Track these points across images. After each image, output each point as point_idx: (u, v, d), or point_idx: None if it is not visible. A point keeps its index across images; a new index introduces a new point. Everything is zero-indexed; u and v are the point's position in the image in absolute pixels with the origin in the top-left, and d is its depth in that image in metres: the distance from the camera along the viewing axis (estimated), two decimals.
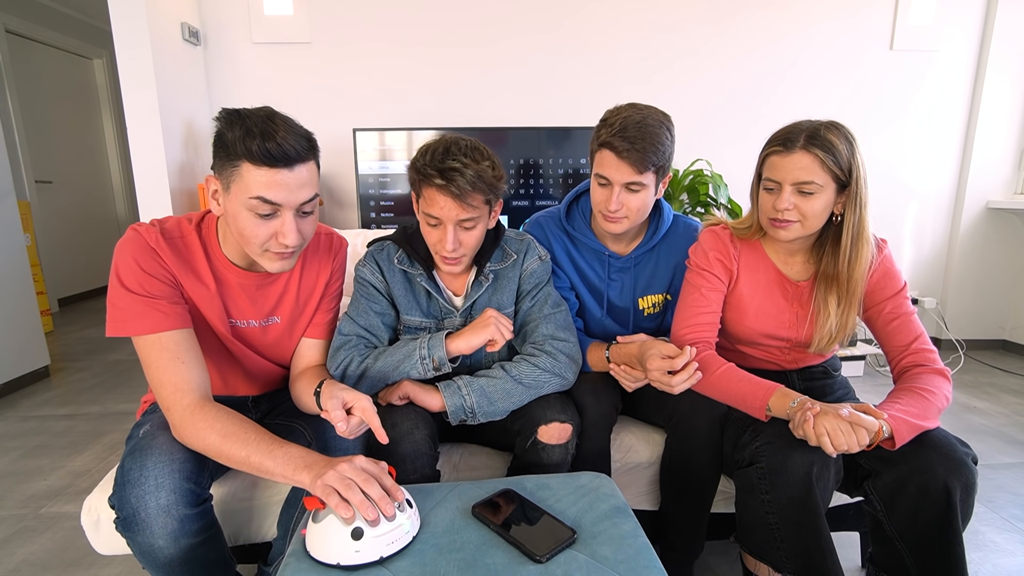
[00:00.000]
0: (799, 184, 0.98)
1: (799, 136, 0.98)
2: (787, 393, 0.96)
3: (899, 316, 1.04)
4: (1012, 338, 2.98)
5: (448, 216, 0.98)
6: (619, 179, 1.06)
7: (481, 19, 2.57)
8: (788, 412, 0.93)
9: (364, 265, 1.12)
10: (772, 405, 0.96)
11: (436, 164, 0.95)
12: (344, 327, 1.09)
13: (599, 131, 1.08)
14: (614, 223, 1.12)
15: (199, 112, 2.45)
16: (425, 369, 1.02)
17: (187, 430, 0.84)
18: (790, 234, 1.02)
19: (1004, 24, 2.69)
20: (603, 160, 1.07)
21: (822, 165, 0.96)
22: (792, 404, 0.93)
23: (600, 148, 1.08)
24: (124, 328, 0.87)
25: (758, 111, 2.69)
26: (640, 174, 1.05)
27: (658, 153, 1.05)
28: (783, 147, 0.99)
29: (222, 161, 0.84)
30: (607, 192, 1.09)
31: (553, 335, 1.10)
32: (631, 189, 1.07)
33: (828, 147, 0.95)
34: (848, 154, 0.96)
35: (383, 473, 0.75)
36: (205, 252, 0.95)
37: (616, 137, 1.03)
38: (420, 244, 1.10)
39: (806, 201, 0.98)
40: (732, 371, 1.03)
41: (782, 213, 1.00)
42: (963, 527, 0.89)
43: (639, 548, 0.73)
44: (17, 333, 2.47)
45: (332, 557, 0.69)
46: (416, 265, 1.10)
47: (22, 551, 1.39)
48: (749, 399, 0.98)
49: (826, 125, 0.98)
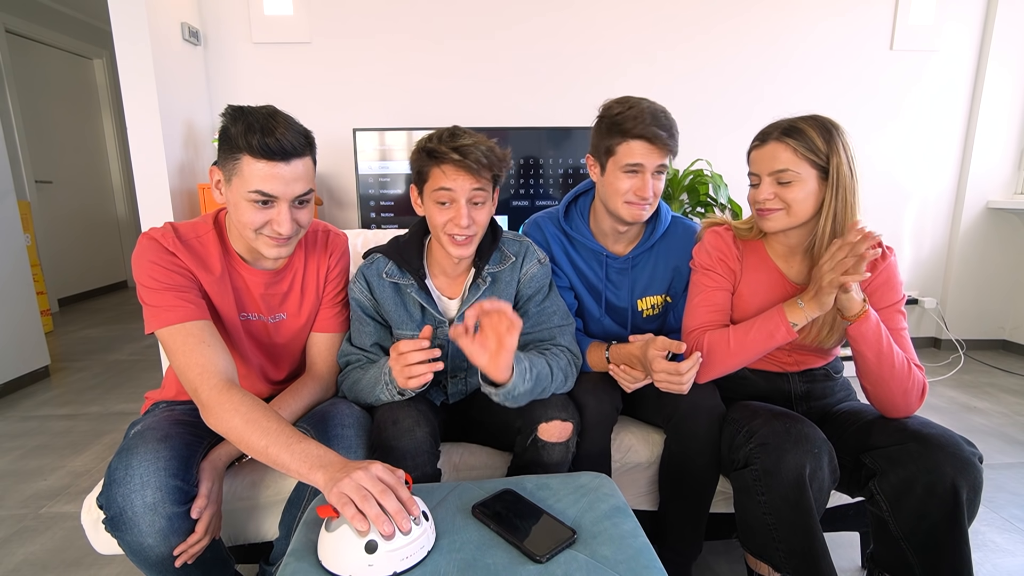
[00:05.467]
0: (775, 173, 1.00)
1: (774, 129, 1.01)
2: (792, 303, 1.00)
3: (889, 330, 1.01)
4: (1012, 338, 2.98)
5: (462, 189, 0.99)
6: (652, 164, 1.09)
7: (481, 19, 2.57)
8: (811, 308, 0.98)
9: (355, 283, 1.12)
10: (795, 321, 0.99)
11: (448, 143, 0.99)
12: (344, 345, 1.14)
13: (621, 124, 1.07)
14: (644, 210, 1.13)
15: (199, 112, 2.45)
16: (391, 394, 1.00)
17: (213, 410, 0.85)
18: (775, 224, 1.02)
19: (1004, 23, 2.69)
20: (634, 150, 1.08)
21: (796, 153, 0.97)
22: (800, 304, 0.98)
23: (630, 139, 1.07)
24: (161, 320, 0.91)
25: (759, 111, 2.68)
26: (667, 157, 1.10)
27: (678, 136, 1.10)
28: (760, 141, 1.03)
29: (225, 153, 0.90)
30: (640, 179, 1.10)
31: (569, 346, 1.13)
32: (659, 172, 1.11)
33: (801, 136, 0.97)
34: (825, 141, 0.97)
35: (400, 484, 0.73)
36: (221, 246, 1.01)
37: (651, 127, 1.06)
38: (412, 254, 1.10)
39: (786, 190, 0.99)
40: (736, 328, 1.05)
41: (764, 203, 1.02)
42: (968, 526, 0.89)
43: (639, 548, 0.73)
44: (17, 333, 2.47)
45: (344, 569, 0.68)
46: (407, 275, 1.10)
47: (22, 551, 1.39)
48: (771, 333, 1.01)
49: (802, 117, 1.00)
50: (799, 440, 0.93)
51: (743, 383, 1.18)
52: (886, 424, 1.01)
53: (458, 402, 1.21)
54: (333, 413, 0.99)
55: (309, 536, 0.76)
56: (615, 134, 1.09)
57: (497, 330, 0.88)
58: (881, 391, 1.00)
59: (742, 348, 1.03)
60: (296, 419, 1.02)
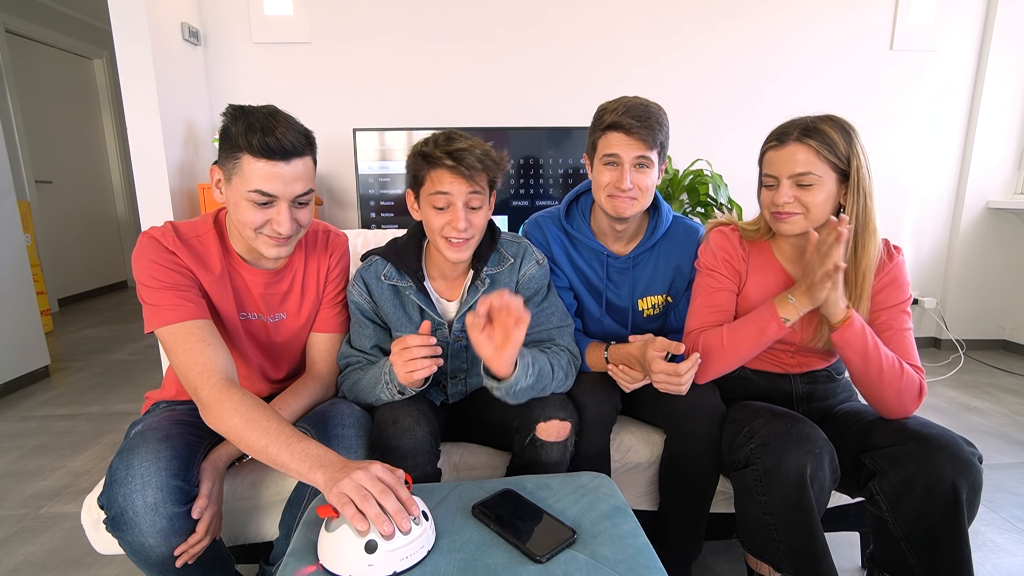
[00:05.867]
0: (796, 176, 0.97)
1: (793, 130, 0.98)
2: (783, 298, 0.99)
3: (892, 329, 1.01)
4: (1012, 338, 2.98)
5: (458, 193, 0.99)
6: (629, 155, 1.08)
7: (481, 20, 2.57)
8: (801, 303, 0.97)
9: (353, 286, 1.12)
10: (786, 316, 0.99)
11: (444, 147, 0.98)
12: (344, 347, 1.14)
13: (601, 117, 1.10)
14: (626, 204, 1.11)
15: (199, 112, 2.45)
16: (391, 393, 1.00)
17: (213, 410, 0.85)
18: (794, 227, 1.01)
19: (1004, 23, 2.69)
20: (610, 141, 1.09)
21: (817, 155, 0.95)
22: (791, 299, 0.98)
23: (606, 131, 1.09)
24: (161, 319, 0.91)
25: (760, 111, 2.69)
26: (649, 149, 1.08)
27: (662, 131, 1.09)
28: (778, 141, 1.00)
29: (225, 153, 0.90)
30: (617, 171, 1.10)
31: (568, 347, 1.13)
32: (640, 165, 1.09)
33: (823, 137, 0.95)
34: (846, 143, 0.95)
35: (400, 484, 0.74)
36: (221, 246, 1.01)
37: (624, 116, 1.06)
38: (410, 256, 1.10)
39: (806, 193, 0.98)
40: (730, 325, 1.05)
41: (782, 207, 0.99)
42: (968, 526, 0.89)
43: (639, 548, 0.73)
44: (17, 333, 2.47)
45: (344, 569, 0.68)
46: (406, 277, 1.10)
47: (22, 551, 1.39)
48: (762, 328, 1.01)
49: (820, 118, 0.98)
50: (800, 440, 0.93)
51: (744, 383, 1.17)
52: (886, 424, 1.01)
53: (458, 402, 1.21)
54: (333, 413, 0.99)
55: (309, 536, 0.76)
56: (596, 128, 1.12)
57: (505, 324, 0.88)
58: (874, 393, 1.00)
59: (735, 345, 1.03)
60: (296, 419, 1.02)
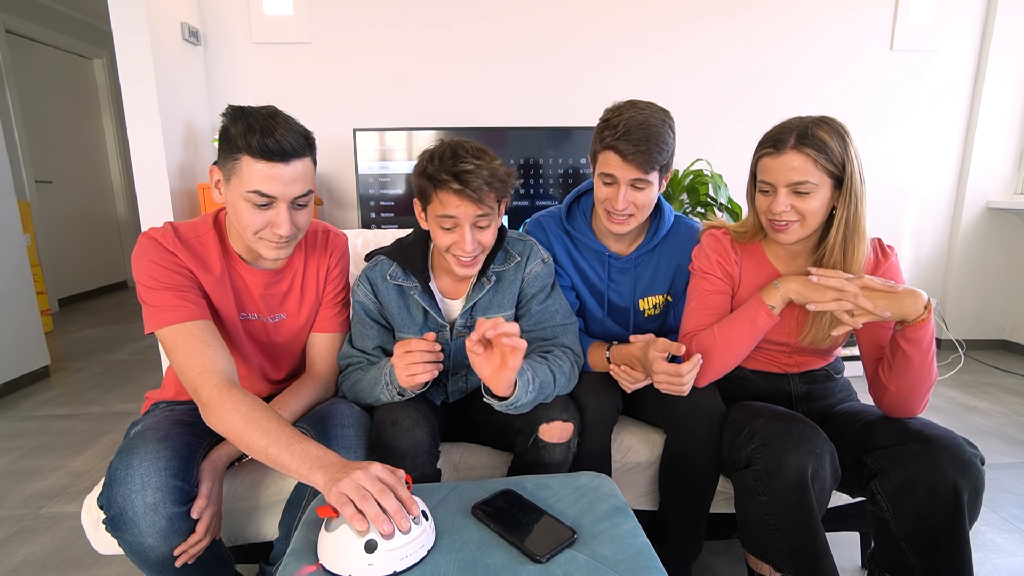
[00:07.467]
0: (793, 185, 0.96)
1: (789, 135, 0.96)
2: (769, 286, 1.02)
3: (892, 329, 1.00)
4: (1012, 338, 2.98)
5: (465, 215, 0.98)
6: (625, 177, 1.07)
7: (481, 20, 2.57)
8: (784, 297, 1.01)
9: (359, 285, 1.12)
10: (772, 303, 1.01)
11: (449, 168, 0.95)
12: (345, 348, 1.13)
13: (601, 132, 1.08)
14: (620, 223, 1.12)
15: (199, 112, 2.45)
16: (391, 394, 1.00)
17: (214, 410, 0.85)
18: (791, 236, 1.01)
19: (1004, 23, 2.69)
20: (608, 160, 1.08)
21: (815, 164, 0.94)
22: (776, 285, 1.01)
23: (605, 150, 1.08)
24: (161, 320, 0.91)
25: (758, 110, 2.69)
26: (646, 174, 1.06)
27: (663, 153, 1.06)
28: (774, 148, 0.97)
29: (225, 153, 0.90)
30: (613, 190, 1.09)
31: (571, 345, 1.12)
32: (637, 187, 1.08)
33: (819, 145, 0.94)
34: (841, 149, 0.94)
35: (399, 484, 0.74)
36: (221, 246, 1.01)
37: (621, 140, 1.03)
38: (416, 256, 1.10)
39: (803, 201, 0.97)
40: (720, 323, 1.06)
41: (780, 216, 0.98)
42: (969, 528, 0.89)
43: (639, 548, 0.73)
44: (17, 333, 2.47)
45: (344, 569, 0.68)
46: (411, 278, 1.09)
47: (22, 551, 1.39)
48: (752, 320, 1.03)
49: (815, 122, 0.96)
50: (801, 440, 0.93)
51: (743, 384, 1.17)
52: (888, 424, 1.01)
53: (458, 402, 1.21)
54: (333, 413, 0.99)
55: (309, 536, 0.76)
56: (597, 140, 1.10)
57: (503, 350, 0.87)
58: (907, 391, 0.98)
59: (728, 341, 1.03)
60: (296, 419, 1.02)
